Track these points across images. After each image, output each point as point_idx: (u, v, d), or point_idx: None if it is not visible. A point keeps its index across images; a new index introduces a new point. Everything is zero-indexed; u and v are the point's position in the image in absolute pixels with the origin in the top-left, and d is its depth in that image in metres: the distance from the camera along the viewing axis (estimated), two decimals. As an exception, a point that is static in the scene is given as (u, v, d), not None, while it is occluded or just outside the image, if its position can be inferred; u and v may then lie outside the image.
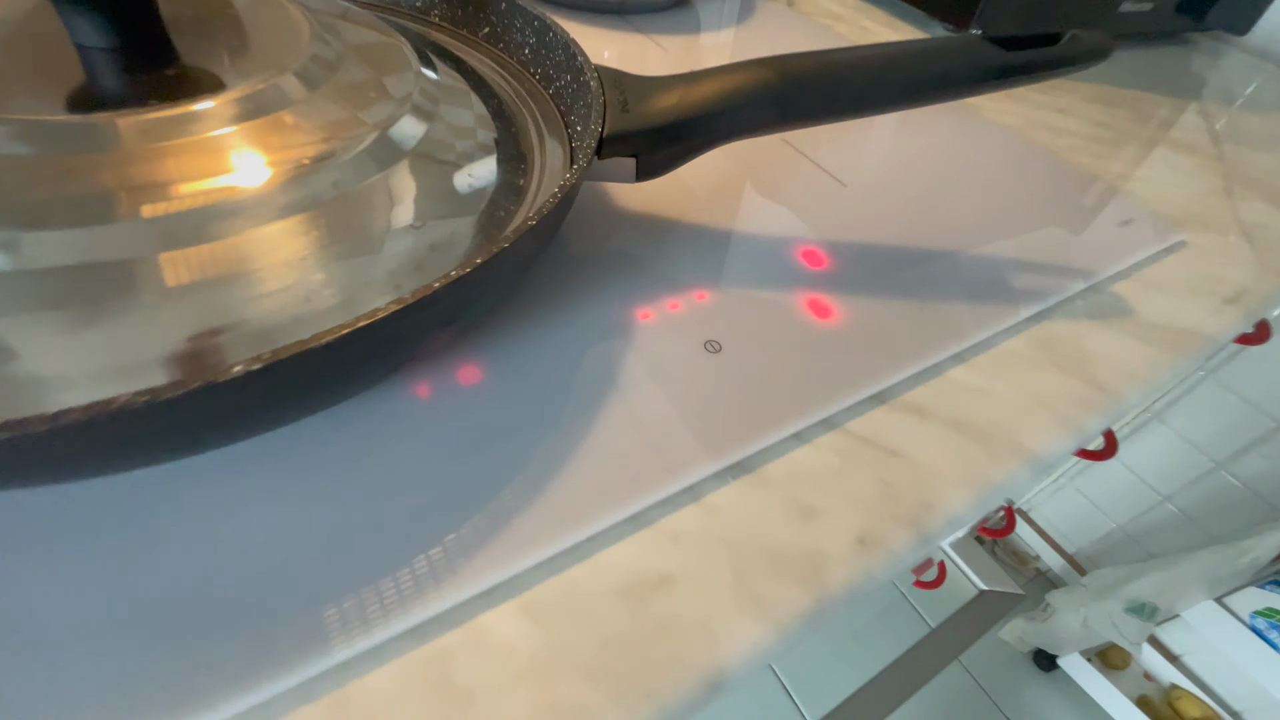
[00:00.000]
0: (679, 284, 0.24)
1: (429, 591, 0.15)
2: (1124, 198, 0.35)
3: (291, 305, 0.16)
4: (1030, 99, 0.44)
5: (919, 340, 0.24)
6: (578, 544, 0.17)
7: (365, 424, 0.18)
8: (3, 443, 0.10)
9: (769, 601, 0.16)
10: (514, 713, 0.14)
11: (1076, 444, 0.22)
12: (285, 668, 0.13)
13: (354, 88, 0.21)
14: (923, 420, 0.21)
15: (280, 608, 0.14)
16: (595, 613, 0.16)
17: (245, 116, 0.18)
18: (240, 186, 0.17)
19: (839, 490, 0.19)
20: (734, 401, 0.20)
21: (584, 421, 0.19)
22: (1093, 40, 0.22)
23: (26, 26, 0.19)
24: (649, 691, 0.15)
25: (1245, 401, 0.84)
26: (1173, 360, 0.26)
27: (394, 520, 0.16)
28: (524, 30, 0.28)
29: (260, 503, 0.16)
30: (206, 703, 0.13)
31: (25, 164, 0.16)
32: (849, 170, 0.32)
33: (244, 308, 0.16)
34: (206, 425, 0.14)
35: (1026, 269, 0.28)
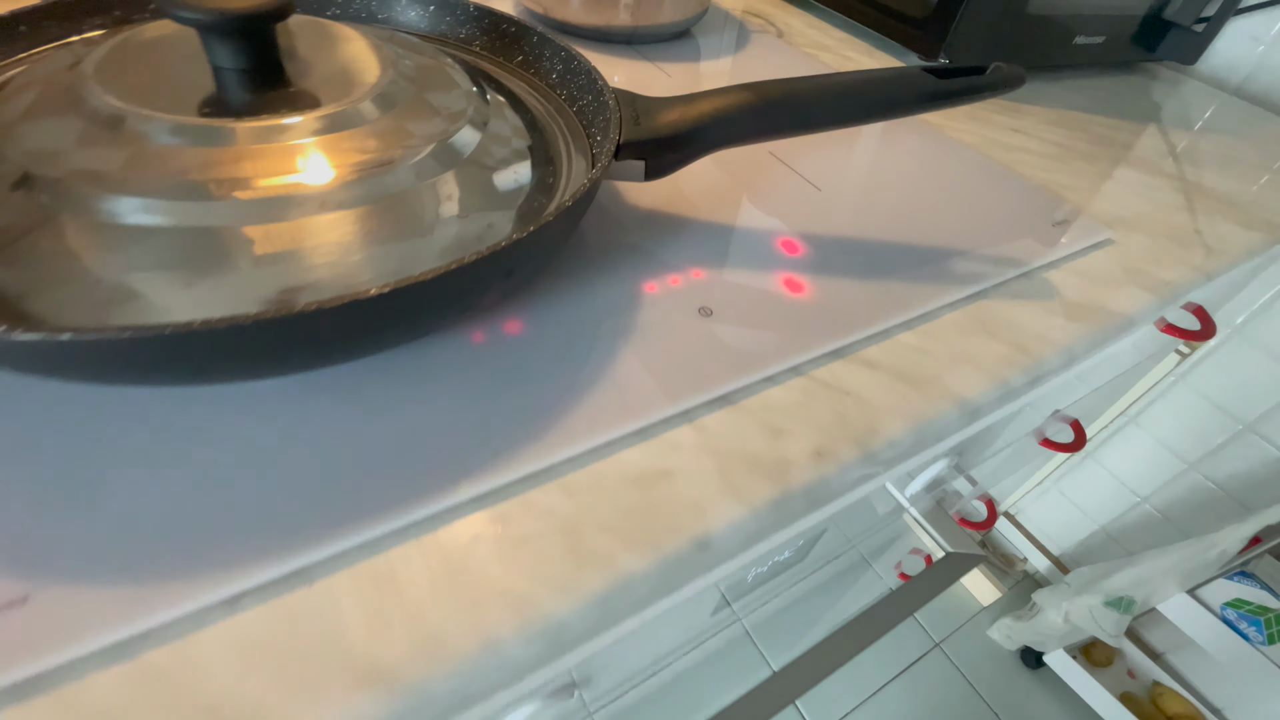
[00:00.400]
0: (678, 266, 0.30)
1: (489, 472, 0.20)
2: (1062, 203, 0.40)
3: (359, 274, 0.21)
4: (989, 120, 0.50)
5: (873, 311, 0.29)
6: (600, 445, 0.22)
7: (440, 358, 0.23)
8: (201, 338, 0.16)
9: (745, 491, 0.22)
10: (554, 554, 0.19)
11: (999, 392, 0.28)
12: (393, 513, 0.19)
13: (416, 105, 0.26)
14: (873, 371, 0.27)
15: (402, 470, 0.19)
16: (613, 492, 0.21)
17: (334, 128, 0.24)
18: (327, 181, 0.22)
19: (801, 418, 0.24)
20: (721, 352, 0.26)
21: (603, 362, 0.24)
22: (1010, 71, 0.28)
23: (178, 48, 0.25)
24: (653, 544, 0.20)
25: (1214, 405, 0.89)
26: (1085, 330, 0.31)
27: (463, 424, 0.21)
28: (552, 59, 0.34)
29: (378, 410, 0.21)
30: (359, 527, 0.18)
31: (169, 151, 0.21)
32: (824, 177, 0.38)
33: (323, 271, 0.21)
34: (337, 338, 0.19)
35: (970, 258, 0.34)
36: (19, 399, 0.20)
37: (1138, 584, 0.88)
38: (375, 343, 0.22)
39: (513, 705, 0.26)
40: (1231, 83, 0.76)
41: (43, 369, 0.18)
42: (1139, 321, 0.34)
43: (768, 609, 0.43)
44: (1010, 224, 0.37)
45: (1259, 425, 0.85)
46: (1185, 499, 0.96)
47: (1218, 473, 0.91)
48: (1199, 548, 0.81)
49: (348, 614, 0.17)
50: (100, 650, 0.15)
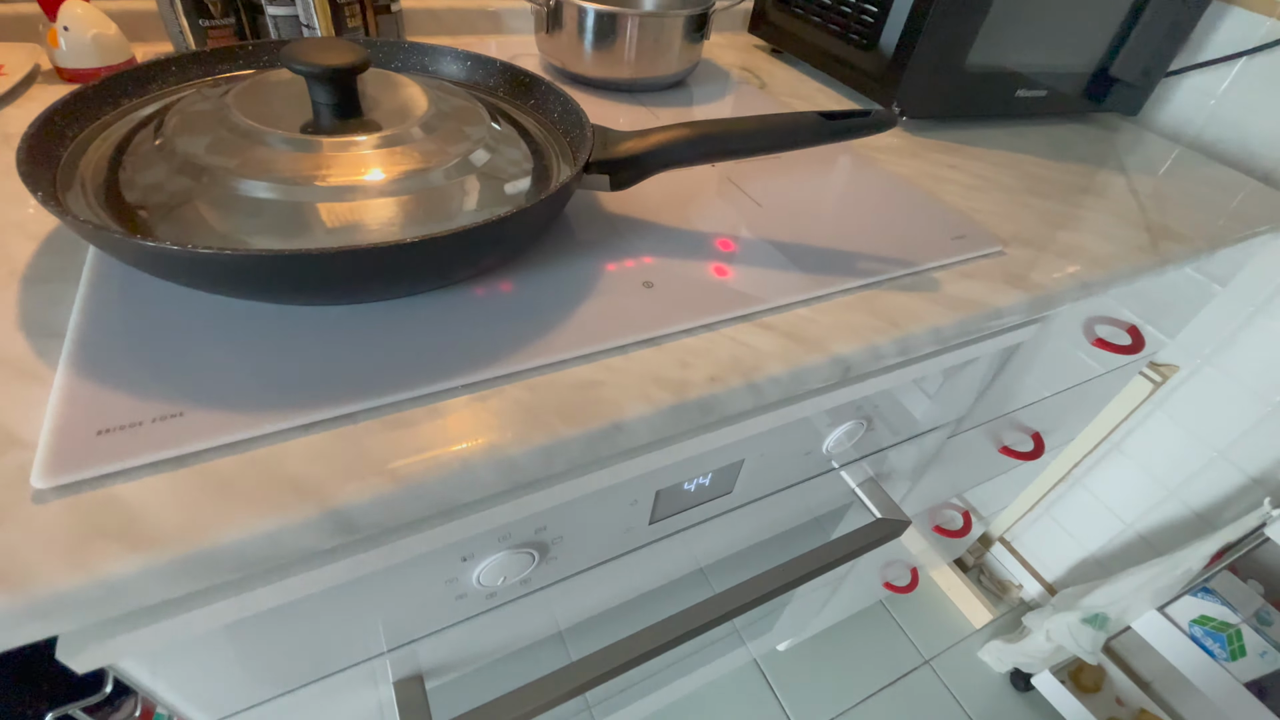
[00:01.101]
0: (634, 254, 0.40)
1: (481, 370, 0.30)
2: (967, 222, 0.49)
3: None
4: (929, 158, 0.59)
5: (780, 292, 0.38)
6: (554, 363, 0.31)
7: (454, 303, 0.34)
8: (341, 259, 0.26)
9: (653, 398, 0.31)
10: (517, 422, 0.29)
11: (868, 354, 0.37)
12: (413, 388, 0.29)
13: (450, 132, 0.37)
14: (768, 331, 0.36)
15: (421, 366, 0.30)
16: (561, 391, 0.30)
17: (390, 144, 0.35)
18: (381, 178, 0.33)
19: (706, 357, 0.34)
20: (653, 311, 0.35)
21: (565, 312, 0.34)
22: (884, 114, 0.38)
23: (290, 88, 0.37)
24: (583, 422, 0.29)
25: (1190, 433, 0.93)
26: (954, 315, 0.40)
27: (467, 341, 0.31)
28: (554, 103, 0.45)
29: (412, 330, 0.32)
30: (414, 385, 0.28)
31: (277, 154, 0.32)
32: (767, 197, 0.48)
33: (373, 238, 0.31)
34: (383, 276, 0.30)
35: (871, 259, 0.43)
36: (186, 303, 0.31)
37: (1112, 601, 0.91)
38: (412, 284, 0.32)
39: (485, 550, 0.35)
40: (1188, 134, 0.84)
41: (197, 282, 0.29)
42: (1007, 314, 0.43)
43: (716, 544, 0.51)
44: (915, 236, 0.46)
45: (1229, 451, 0.89)
46: (1166, 524, 0.99)
47: (1194, 499, 0.95)
48: (1167, 565, 0.85)
49: (377, 443, 0.27)
50: (223, 445, 0.26)
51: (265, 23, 0.55)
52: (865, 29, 0.64)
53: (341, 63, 0.34)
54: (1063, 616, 0.97)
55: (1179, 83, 0.83)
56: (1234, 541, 0.79)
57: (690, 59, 0.65)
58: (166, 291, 0.32)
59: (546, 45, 0.63)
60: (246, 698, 0.34)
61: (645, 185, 0.46)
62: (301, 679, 0.35)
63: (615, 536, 0.41)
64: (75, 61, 0.51)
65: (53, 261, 0.34)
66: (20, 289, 0.32)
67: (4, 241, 0.35)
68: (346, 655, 0.36)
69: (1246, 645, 0.80)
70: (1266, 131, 0.77)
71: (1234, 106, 0.79)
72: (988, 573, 1.30)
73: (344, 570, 0.28)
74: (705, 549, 0.49)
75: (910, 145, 0.62)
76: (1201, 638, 0.83)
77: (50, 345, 0.29)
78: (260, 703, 0.35)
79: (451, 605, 0.36)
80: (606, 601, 0.48)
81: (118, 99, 0.38)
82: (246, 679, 0.33)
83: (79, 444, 0.24)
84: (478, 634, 0.41)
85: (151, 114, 0.36)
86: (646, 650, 0.42)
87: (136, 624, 0.25)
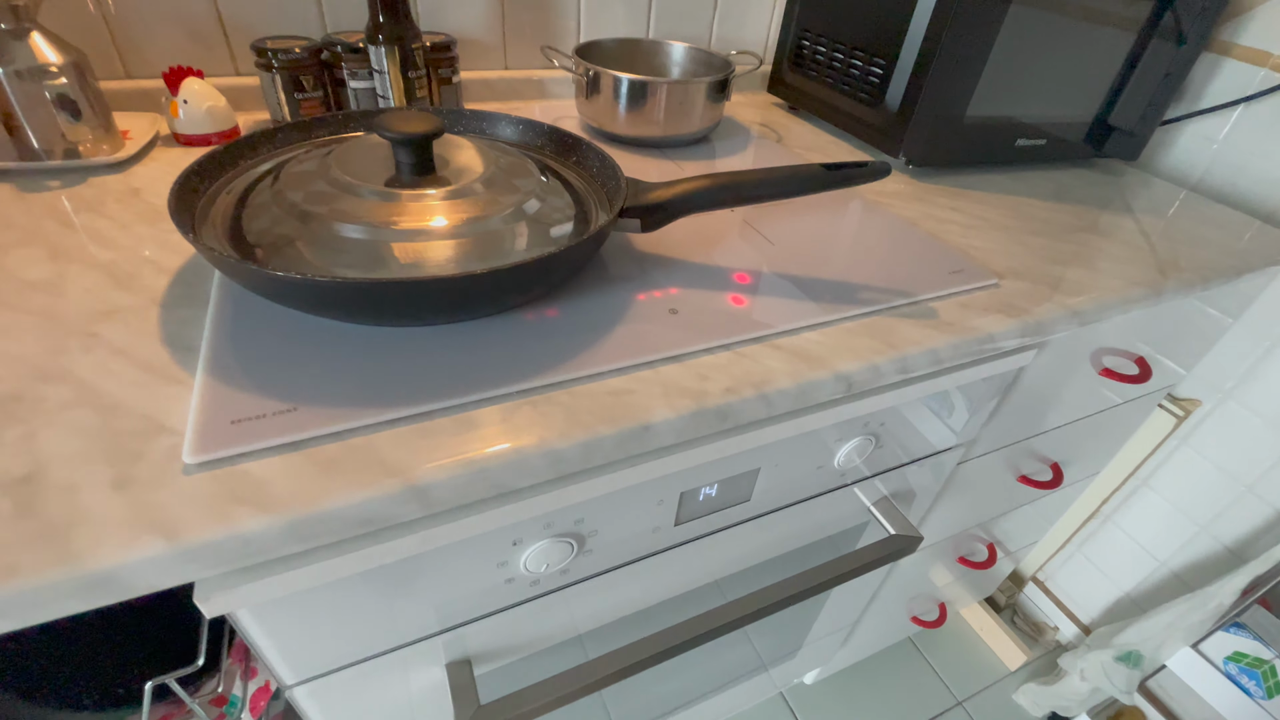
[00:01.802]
0: (662, 285, 0.45)
1: (529, 380, 0.36)
2: (964, 258, 0.54)
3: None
4: (932, 201, 0.65)
5: (789, 318, 0.43)
6: (592, 375, 0.37)
7: (506, 327, 0.40)
8: (419, 289, 0.33)
9: (676, 404, 0.36)
10: (559, 422, 0.34)
11: (870, 373, 0.41)
12: (476, 393, 0.34)
13: (505, 185, 0.44)
14: (779, 351, 0.41)
15: (481, 375, 0.35)
16: (597, 398, 0.36)
17: (456, 196, 0.41)
18: (450, 223, 0.40)
19: (723, 372, 0.39)
20: (678, 334, 0.41)
21: (602, 333, 0.40)
22: (879, 165, 0.44)
23: (378, 150, 0.44)
24: (616, 423, 0.34)
25: (1217, 468, 0.93)
26: (949, 339, 0.44)
27: (519, 357, 0.37)
28: (594, 159, 0.52)
29: (472, 346, 0.38)
30: (471, 391, 0.34)
31: (366, 203, 0.39)
32: (780, 237, 0.54)
33: (438, 273, 0.38)
34: (449, 302, 0.36)
35: (874, 290, 0.48)
36: (294, 324, 0.38)
37: (1145, 639, 0.90)
38: (474, 309, 0.39)
39: (532, 536, 0.40)
40: (1191, 178, 0.88)
41: (303, 305, 0.35)
42: (1000, 339, 0.47)
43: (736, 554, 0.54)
44: (915, 271, 0.51)
45: (1257, 486, 0.89)
46: (1200, 561, 0.98)
47: (1226, 534, 0.94)
48: (1198, 601, 0.84)
49: (448, 435, 0.32)
50: (327, 434, 0.32)
51: (347, 94, 0.64)
52: (872, 87, 0.71)
53: (421, 130, 0.41)
54: (1096, 655, 0.96)
55: (1181, 129, 0.88)
56: (1263, 574, 0.79)
57: (714, 117, 0.72)
58: (278, 314, 0.39)
59: (585, 109, 0.71)
60: (325, 662, 0.39)
61: (672, 228, 0.52)
62: (371, 650, 0.40)
63: (644, 536, 0.45)
64: (191, 128, 0.60)
65: (182, 291, 0.41)
66: (159, 313, 0.39)
67: (142, 275, 0.42)
68: (409, 630, 0.40)
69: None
70: (1268, 174, 0.81)
71: (1236, 151, 0.83)
72: (1021, 614, 1.28)
73: (417, 542, 0.33)
74: (726, 559, 0.53)
75: (915, 190, 0.67)
76: (1237, 675, 0.81)
77: (187, 356, 0.36)
78: (336, 669, 0.40)
79: (500, 589, 0.41)
80: (634, 604, 0.52)
81: (238, 159, 0.46)
82: (328, 642, 0.38)
83: (217, 430, 0.31)
84: (519, 623, 0.46)
85: (266, 170, 0.44)
86: (665, 649, 0.46)
87: (254, 577, 0.31)
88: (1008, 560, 1.10)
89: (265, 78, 0.62)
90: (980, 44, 0.62)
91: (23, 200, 0.50)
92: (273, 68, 0.61)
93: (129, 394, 0.33)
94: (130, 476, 0.29)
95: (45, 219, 0.47)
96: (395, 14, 0.59)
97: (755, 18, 0.91)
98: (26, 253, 0.44)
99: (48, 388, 0.33)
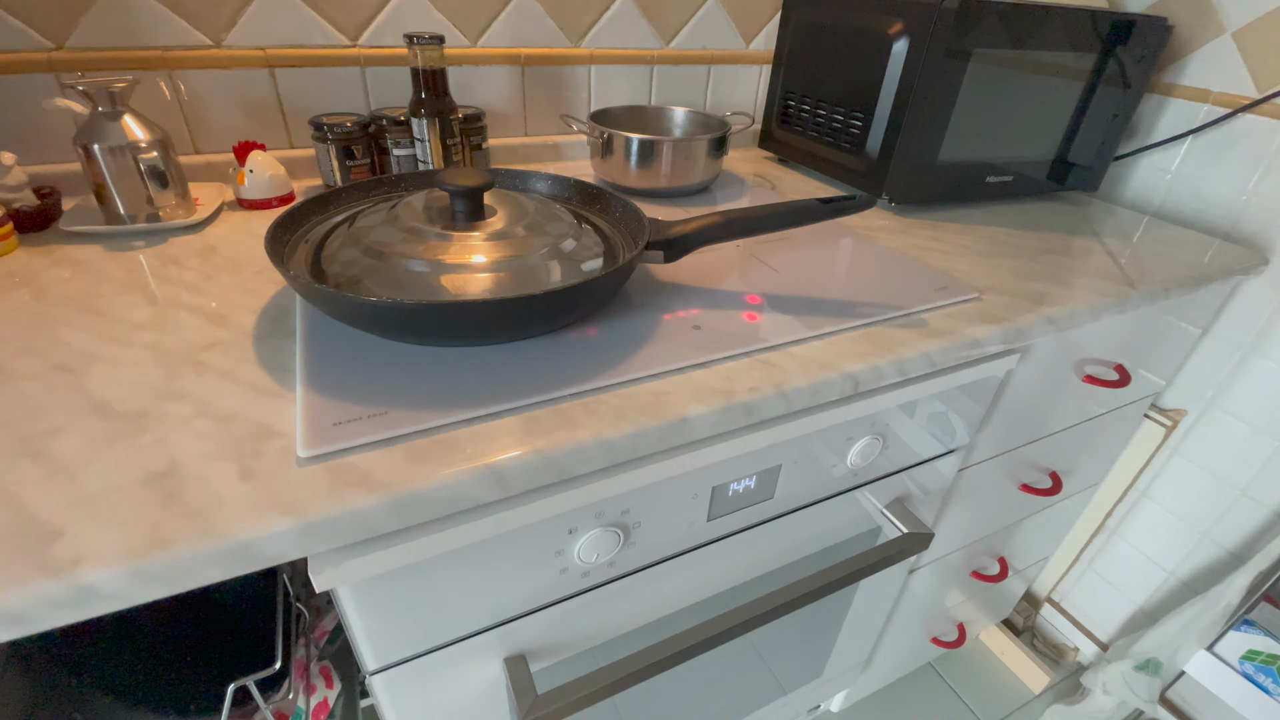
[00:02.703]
0: (685, 308, 0.52)
1: (578, 386, 0.41)
2: (947, 277, 0.60)
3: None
4: (914, 232, 0.72)
5: (798, 330, 0.49)
6: (631, 380, 0.43)
7: (553, 344, 0.46)
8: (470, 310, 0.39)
9: (707, 401, 0.42)
10: (610, 418, 0.39)
11: (873, 373, 0.47)
12: (535, 396, 0.40)
13: (543, 229, 0.51)
14: (792, 357, 0.47)
15: (534, 384, 0.41)
16: (638, 398, 0.41)
17: (500, 238, 0.48)
18: (494, 258, 0.46)
19: (745, 375, 0.45)
20: (703, 345, 0.47)
21: (636, 347, 0.46)
22: (865, 198, 0.51)
23: (440, 201, 0.51)
24: (658, 417, 0.40)
25: (1210, 474, 0.98)
26: (940, 344, 0.50)
27: (567, 367, 0.43)
28: (616, 206, 0.59)
29: (525, 360, 0.43)
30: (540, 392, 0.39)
31: (429, 243, 0.46)
32: (783, 266, 0.60)
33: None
34: (501, 323, 0.42)
35: (870, 305, 0.54)
36: (372, 347, 0.44)
37: (1161, 645, 0.92)
38: (527, 329, 0.45)
39: (585, 524, 0.45)
40: (1151, 206, 0.96)
41: (378, 328, 0.42)
42: (985, 344, 0.53)
43: (762, 553, 0.58)
44: (905, 289, 0.57)
45: (1250, 489, 0.93)
46: (1206, 567, 1.01)
47: (1226, 539, 0.97)
48: (1207, 602, 0.87)
49: (518, 430, 0.38)
50: (416, 431, 0.37)
51: (390, 161, 0.72)
52: (853, 138, 0.80)
53: (476, 184, 0.49)
54: (1116, 666, 0.97)
55: (1136, 162, 0.97)
56: (1265, 570, 0.82)
57: (714, 170, 0.81)
58: (356, 339, 0.45)
59: (600, 167, 0.80)
60: (403, 648, 0.43)
61: (686, 262, 0.59)
62: (442, 638, 0.44)
63: (680, 530, 0.49)
64: (255, 194, 0.68)
65: (269, 326, 0.47)
66: (252, 343, 0.45)
67: (232, 315, 0.48)
68: (476, 619, 0.44)
69: (1300, 680, 0.80)
70: (1221, 197, 0.89)
71: (1189, 179, 0.92)
72: (1040, 636, 1.28)
73: (491, 525, 0.38)
74: (753, 558, 0.57)
75: (898, 225, 0.75)
76: (1254, 674, 0.83)
77: (284, 376, 0.41)
78: (411, 657, 0.44)
79: (555, 580, 0.45)
80: (670, 604, 0.55)
81: (311, 215, 0.53)
82: (409, 627, 0.42)
83: (323, 430, 0.36)
84: (570, 617, 0.49)
85: (339, 221, 0.51)
86: (702, 640, 0.49)
87: (357, 554, 0.35)
88: (1019, 578, 1.12)
89: (321, 148, 0.70)
90: (945, 96, 0.71)
91: (114, 258, 0.57)
92: (328, 139, 0.69)
93: (240, 407, 0.39)
94: (253, 470, 0.34)
95: (137, 272, 0.54)
96: (436, 92, 0.68)
97: (744, 83, 1.01)
98: (128, 299, 0.50)
99: (170, 405, 0.39)
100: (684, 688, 0.70)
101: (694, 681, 0.70)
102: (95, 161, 0.59)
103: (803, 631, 0.75)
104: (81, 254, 0.57)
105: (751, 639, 0.71)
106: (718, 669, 0.71)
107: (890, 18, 0.71)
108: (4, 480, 0.33)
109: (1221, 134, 0.88)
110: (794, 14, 0.86)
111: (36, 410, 0.38)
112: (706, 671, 0.69)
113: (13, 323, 0.46)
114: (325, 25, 0.72)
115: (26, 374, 0.41)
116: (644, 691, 0.65)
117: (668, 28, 0.91)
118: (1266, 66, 0.83)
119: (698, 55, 0.95)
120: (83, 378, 0.41)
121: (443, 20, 0.77)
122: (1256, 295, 0.87)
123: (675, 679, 0.67)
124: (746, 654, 0.72)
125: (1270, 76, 0.82)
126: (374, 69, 0.76)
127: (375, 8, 0.74)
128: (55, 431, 0.36)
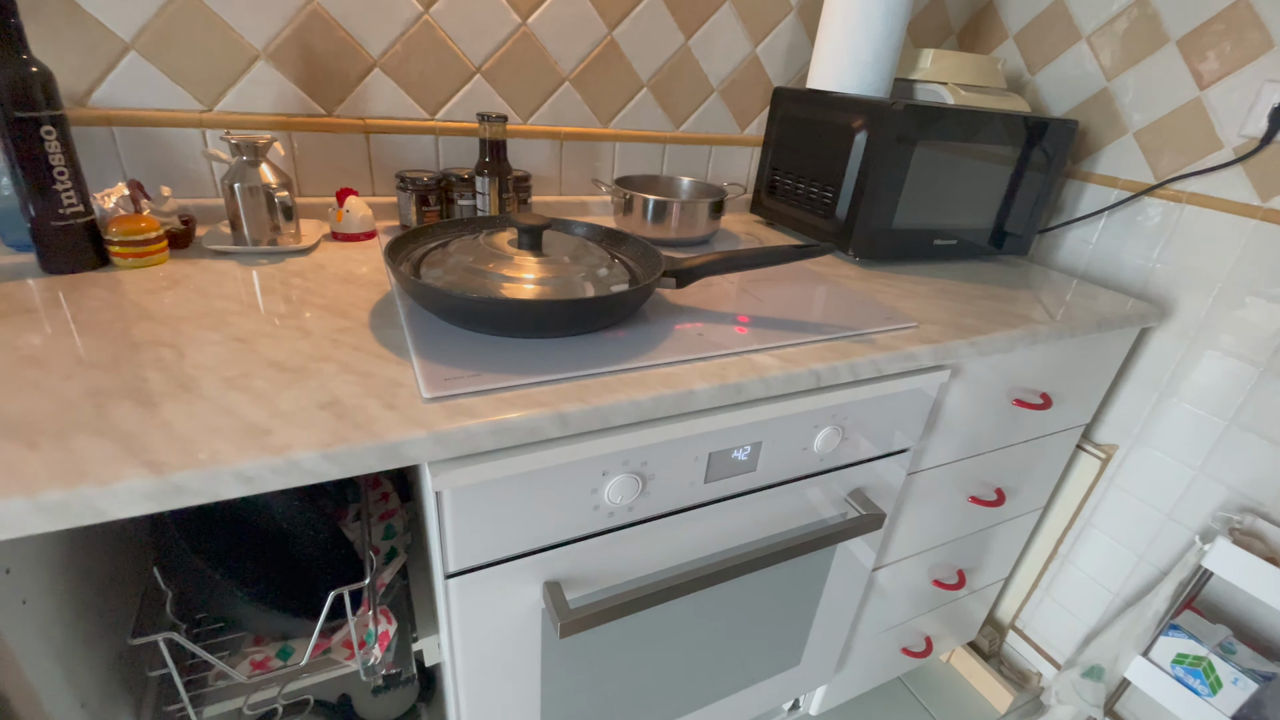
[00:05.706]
0: (690, 322, 0.68)
1: (613, 368, 0.57)
2: (894, 311, 0.77)
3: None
4: (874, 280, 0.90)
5: (777, 340, 0.66)
6: (650, 365, 0.58)
7: (594, 341, 0.61)
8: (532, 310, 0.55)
9: (708, 380, 0.57)
10: (636, 387, 0.55)
11: (828, 370, 0.63)
12: (592, 369, 0.55)
13: (584, 259, 0.68)
14: (771, 356, 0.63)
15: (580, 362, 0.57)
16: (659, 376, 0.57)
17: (550, 263, 0.65)
18: (547, 276, 0.63)
19: (735, 366, 0.60)
20: (705, 346, 0.63)
21: (653, 345, 0.62)
22: (828, 246, 0.68)
23: (513, 235, 0.68)
24: (671, 387, 0.55)
25: (1142, 502, 1.12)
26: (883, 354, 0.66)
27: (608, 356, 0.58)
28: (637, 246, 0.76)
29: (574, 350, 0.59)
30: (588, 367, 0.55)
31: (500, 260, 0.63)
32: (767, 297, 0.77)
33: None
34: (554, 322, 0.58)
35: (832, 326, 0.70)
36: (462, 338, 0.59)
37: (1103, 653, 1.03)
38: (576, 327, 0.61)
39: (614, 469, 0.59)
40: (1077, 270, 1.15)
41: (469, 321, 0.58)
42: (919, 358, 0.69)
43: (746, 522, 0.72)
44: (860, 317, 0.74)
45: (1174, 513, 1.07)
46: (1144, 586, 1.13)
47: (1159, 559, 1.10)
48: (1139, 610, 0.99)
49: (575, 391, 0.53)
50: (502, 387, 0.52)
51: (455, 209, 0.90)
52: (825, 206, 0.99)
53: (539, 224, 0.66)
54: (1065, 675, 1.08)
55: (1064, 234, 1.17)
56: (1184, 580, 0.95)
57: (713, 227, 0.99)
58: (444, 330, 0.60)
59: (621, 221, 0.98)
60: (476, 556, 0.56)
61: (692, 291, 0.76)
62: (506, 552, 0.57)
63: (684, 489, 0.64)
64: (349, 229, 0.85)
65: (379, 319, 0.63)
66: (370, 330, 0.61)
67: (350, 311, 0.64)
68: (527, 541, 0.58)
69: (1220, 676, 0.91)
70: (1132, 263, 1.08)
71: (1107, 248, 1.11)
72: (1007, 663, 1.38)
73: (552, 455, 0.53)
74: (740, 525, 0.71)
75: (861, 274, 0.92)
76: (1184, 676, 0.94)
77: (400, 350, 0.57)
78: (480, 566, 0.57)
79: (589, 516, 0.59)
80: (674, 555, 0.69)
81: (408, 243, 0.70)
82: (484, 535, 0.55)
83: (438, 382, 0.51)
84: (596, 552, 0.63)
85: (433, 246, 0.68)
86: (702, 576, 0.63)
87: (462, 464, 0.50)
88: (978, 598, 1.23)
89: (403, 196, 0.88)
90: (897, 175, 0.90)
91: (246, 271, 0.73)
92: (409, 189, 0.87)
93: (373, 366, 0.54)
94: (394, 404, 0.49)
95: (268, 281, 0.70)
96: (497, 158, 0.87)
97: (739, 161, 1.22)
98: (268, 298, 0.66)
99: (322, 365, 0.54)
100: (672, 671, 0.81)
101: (681, 665, 0.82)
102: (234, 197, 0.77)
103: (781, 619, 0.87)
104: (221, 266, 0.74)
105: (734, 622, 0.83)
106: (703, 653, 0.83)
107: (853, 114, 0.92)
108: (224, 401, 0.48)
109: (1130, 213, 1.08)
110: (779, 109, 1.07)
111: (229, 363, 0.53)
112: (693, 655, 0.81)
113: (190, 307, 0.62)
114: (412, 103, 0.92)
115: (213, 341, 0.56)
116: (632, 676, 0.76)
117: (679, 115, 1.12)
118: (1162, 159, 1.03)
119: (702, 138, 1.16)
120: (254, 346, 0.56)
121: (503, 104, 0.97)
122: (1166, 345, 1.05)
123: (664, 661, 0.79)
124: (730, 638, 0.84)
125: (1166, 167, 1.03)
126: (445, 137, 0.95)
127: (450, 91, 0.94)
128: (246, 375, 0.51)
